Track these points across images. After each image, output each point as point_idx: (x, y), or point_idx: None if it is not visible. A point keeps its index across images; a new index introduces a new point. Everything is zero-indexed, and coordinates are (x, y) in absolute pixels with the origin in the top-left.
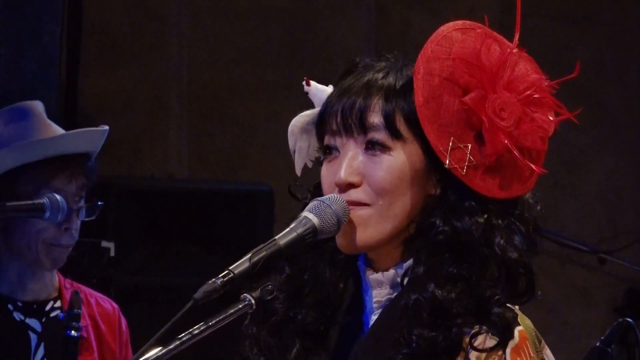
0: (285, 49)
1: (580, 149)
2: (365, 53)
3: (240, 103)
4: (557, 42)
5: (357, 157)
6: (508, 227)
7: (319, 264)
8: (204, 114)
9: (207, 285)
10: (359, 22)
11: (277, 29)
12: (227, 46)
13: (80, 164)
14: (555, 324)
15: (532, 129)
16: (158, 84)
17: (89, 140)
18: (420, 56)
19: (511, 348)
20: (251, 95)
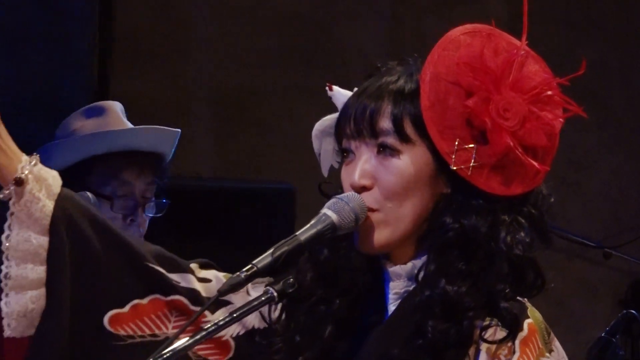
0: (305, 54)
1: (586, 149)
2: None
3: (262, 105)
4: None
5: (369, 160)
6: (514, 224)
7: (351, 252)
8: (228, 116)
9: (232, 278)
10: (374, 28)
11: (297, 35)
12: (249, 51)
13: (149, 161)
14: (563, 316)
15: (538, 126)
16: (184, 88)
17: (158, 138)
18: (427, 61)
19: (520, 340)
20: (272, 98)
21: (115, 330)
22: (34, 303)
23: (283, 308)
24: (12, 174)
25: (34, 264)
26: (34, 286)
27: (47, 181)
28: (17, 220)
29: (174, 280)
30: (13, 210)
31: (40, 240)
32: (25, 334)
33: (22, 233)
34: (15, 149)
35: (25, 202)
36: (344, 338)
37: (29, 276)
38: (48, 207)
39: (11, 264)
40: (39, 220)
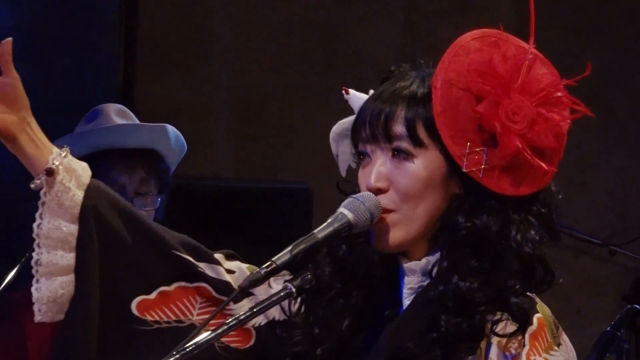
0: (321, 58)
1: (591, 150)
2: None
3: (280, 108)
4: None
5: (385, 163)
6: (524, 222)
7: (368, 248)
8: (247, 119)
9: (252, 274)
10: (388, 33)
11: (313, 40)
12: (267, 56)
13: (140, 158)
14: (570, 311)
15: (546, 128)
16: (205, 91)
17: (145, 135)
18: (438, 67)
19: (530, 333)
20: (290, 101)
21: (142, 315)
22: (63, 289)
23: (302, 302)
24: (43, 164)
25: (64, 251)
26: (63, 272)
27: (77, 172)
28: (48, 209)
29: (200, 268)
30: (44, 199)
31: (70, 228)
32: (54, 318)
33: (52, 221)
34: (46, 141)
35: (56, 191)
36: (361, 331)
37: (59, 262)
38: (78, 197)
39: (42, 251)
40: (69, 209)
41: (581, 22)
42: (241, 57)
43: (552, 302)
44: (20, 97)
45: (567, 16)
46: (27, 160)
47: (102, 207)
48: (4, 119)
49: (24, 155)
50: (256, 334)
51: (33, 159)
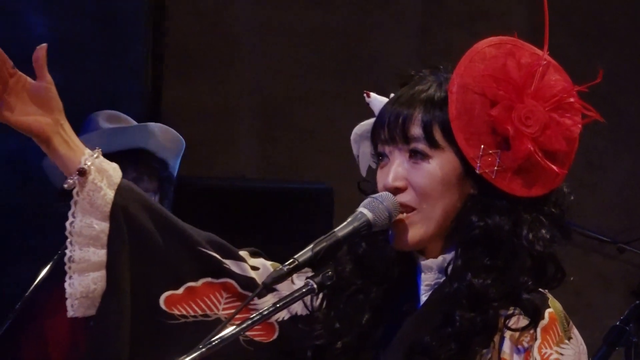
0: (341, 64)
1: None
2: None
3: (302, 111)
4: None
5: (402, 164)
6: (535, 222)
7: (387, 246)
8: (271, 122)
9: (276, 271)
10: (406, 40)
11: (335, 46)
12: (290, 61)
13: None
14: (580, 306)
15: (558, 132)
16: (230, 95)
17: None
18: (455, 72)
19: (541, 327)
20: (312, 104)
21: (170, 310)
22: (95, 284)
23: (324, 297)
24: (75, 165)
25: (96, 248)
26: (95, 268)
27: (108, 172)
28: (80, 208)
29: (226, 265)
30: (77, 198)
31: (101, 226)
32: (86, 313)
33: (85, 219)
34: (78, 142)
35: (88, 191)
36: (380, 325)
37: (91, 259)
38: (109, 196)
39: (75, 248)
40: (100, 207)
41: (592, 29)
42: (265, 62)
43: (563, 297)
44: (54, 100)
45: (578, 24)
46: (60, 161)
47: (131, 206)
48: (39, 121)
49: (58, 155)
50: (279, 328)
51: (66, 159)
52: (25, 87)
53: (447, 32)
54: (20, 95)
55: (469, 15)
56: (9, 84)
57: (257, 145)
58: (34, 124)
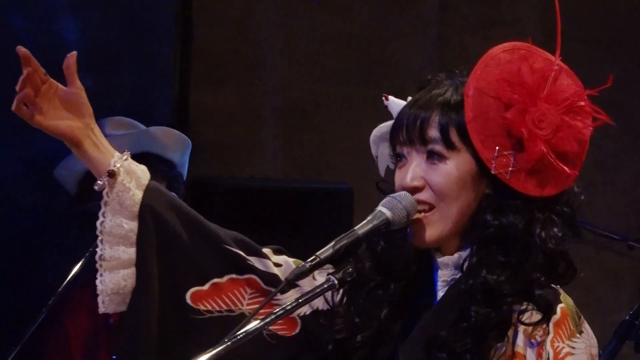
0: (362, 69)
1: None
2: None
3: (325, 115)
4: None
5: (420, 164)
6: (548, 221)
7: (405, 243)
8: (294, 124)
9: (298, 268)
10: (424, 46)
11: (355, 52)
12: (313, 67)
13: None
14: (591, 301)
15: (570, 134)
16: (255, 99)
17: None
18: (470, 77)
19: (554, 322)
20: (333, 108)
21: (196, 305)
22: (125, 281)
23: (344, 293)
24: (105, 167)
25: (125, 246)
26: (125, 266)
27: (137, 174)
28: (110, 208)
29: (250, 261)
30: (107, 199)
31: (130, 225)
32: (117, 310)
33: (114, 219)
34: (108, 146)
35: (117, 191)
36: (398, 319)
37: (121, 257)
38: (137, 196)
39: (105, 247)
40: (129, 207)
41: (602, 35)
42: (289, 68)
43: (575, 293)
44: (84, 106)
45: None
46: (91, 163)
47: (159, 206)
48: (70, 125)
49: (88, 158)
50: (301, 323)
51: (96, 162)
52: (56, 93)
53: (463, 38)
54: (52, 101)
55: (484, 22)
56: (41, 91)
57: (281, 147)
58: (65, 128)
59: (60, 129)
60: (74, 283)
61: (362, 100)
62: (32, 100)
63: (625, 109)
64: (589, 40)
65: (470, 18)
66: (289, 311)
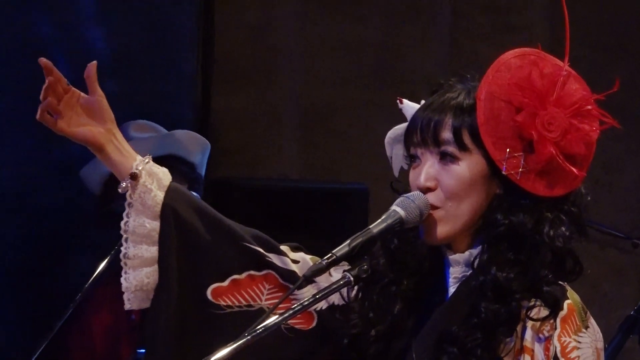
0: (377, 74)
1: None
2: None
3: (341, 118)
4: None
5: (433, 165)
6: (556, 220)
7: (417, 241)
8: (311, 127)
9: (315, 265)
10: (436, 52)
11: (371, 58)
12: (330, 72)
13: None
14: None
15: (578, 137)
16: (274, 103)
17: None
18: (482, 81)
19: (561, 318)
20: (349, 111)
21: (216, 301)
22: (148, 278)
23: (359, 289)
24: (128, 170)
25: (148, 245)
26: (148, 264)
27: (158, 175)
28: (133, 209)
29: (269, 258)
30: (130, 200)
31: (152, 225)
32: (141, 306)
33: (137, 219)
34: (130, 149)
35: (139, 193)
36: (411, 314)
37: (144, 255)
38: (159, 197)
39: (129, 246)
40: (151, 207)
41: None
42: (307, 73)
43: (581, 289)
44: (106, 111)
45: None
46: (114, 167)
47: (180, 205)
48: (92, 131)
49: (111, 162)
50: (318, 317)
51: (119, 165)
52: (78, 101)
53: (474, 44)
54: (75, 108)
55: (495, 29)
56: (63, 99)
57: (298, 149)
58: (88, 134)
59: (83, 134)
60: (98, 281)
61: (377, 103)
62: (56, 109)
63: (631, 111)
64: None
65: (482, 25)
66: (306, 306)
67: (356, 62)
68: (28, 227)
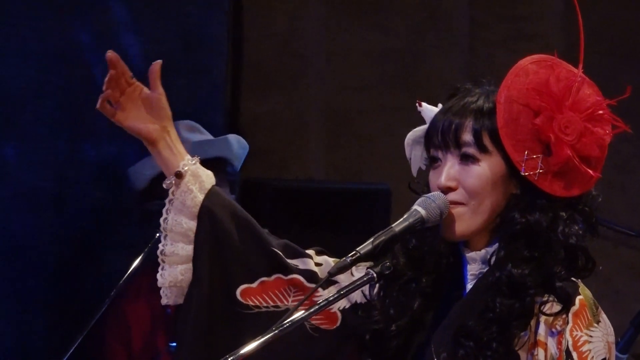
0: (399, 79)
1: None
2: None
3: (364, 121)
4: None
5: (454, 166)
6: (570, 219)
7: (436, 240)
8: (336, 131)
9: (340, 262)
10: (455, 59)
11: (392, 64)
12: (354, 78)
13: (207, 166)
14: (610, 293)
15: (592, 140)
16: (300, 108)
17: (211, 147)
18: (502, 86)
19: (573, 313)
20: (372, 115)
21: (245, 301)
22: (182, 275)
23: (380, 287)
24: (175, 168)
25: (184, 243)
26: (183, 261)
27: (201, 178)
28: (173, 207)
29: (293, 264)
30: (172, 197)
31: (189, 224)
32: (177, 301)
33: (176, 217)
34: (181, 148)
35: (181, 192)
36: (430, 310)
37: (180, 253)
38: (198, 199)
39: (167, 243)
40: (190, 208)
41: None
42: (331, 78)
43: (594, 285)
44: (164, 109)
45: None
46: (162, 163)
47: (217, 209)
48: (148, 126)
49: (161, 158)
50: (341, 317)
51: (168, 162)
52: (140, 95)
53: (491, 52)
54: (135, 102)
55: (511, 36)
56: (126, 92)
57: (324, 151)
58: (143, 129)
59: (138, 128)
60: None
61: (398, 107)
62: (117, 100)
63: None
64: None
65: (498, 32)
66: (331, 302)
67: (379, 68)
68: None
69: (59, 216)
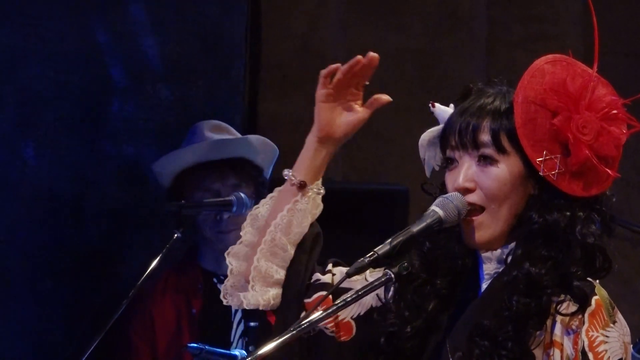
0: (417, 80)
1: None
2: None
3: (382, 122)
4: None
5: (471, 167)
6: (588, 219)
7: (450, 242)
8: None
9: (358, 262)
10: (474, 59)
11: (411, 65)
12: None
13: (231, 167)
14: (628, 293)
15: (609, 140)
16: None
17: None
18: (519, 86)
19: (589, 313)
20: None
21: None
22: (274, 300)
23: (395, 290)
24: (304, 177)
25: (279, 267)
26: (275, 284)
27: (313, 210)
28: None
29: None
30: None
31: (290, 252)
32: None
33: (282, 238)
34: (322, 169)
35: (299, 207)
36: (445, 311)
37: (274, 276)
38: (305, 224)
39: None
40: (296, 234)
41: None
42: None
43: (611, 285)
44: (350, 128)
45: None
46: (304, 161)
47: (308, 240)
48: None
49: (307, 158)
50: (356, 325)
51: (305, 166)
52: (350, 101)
53: (510, 52)
54: (342, 103)
55: (529, 37)
56: (349, 91)
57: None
58: (322, 126)
59: (320, 122)
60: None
61: (416, 108)
62: (330, 92)
63: None
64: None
65: (516, 33)
66: (349, 302)
67: (397, 69)
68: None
69: (78, 216)
